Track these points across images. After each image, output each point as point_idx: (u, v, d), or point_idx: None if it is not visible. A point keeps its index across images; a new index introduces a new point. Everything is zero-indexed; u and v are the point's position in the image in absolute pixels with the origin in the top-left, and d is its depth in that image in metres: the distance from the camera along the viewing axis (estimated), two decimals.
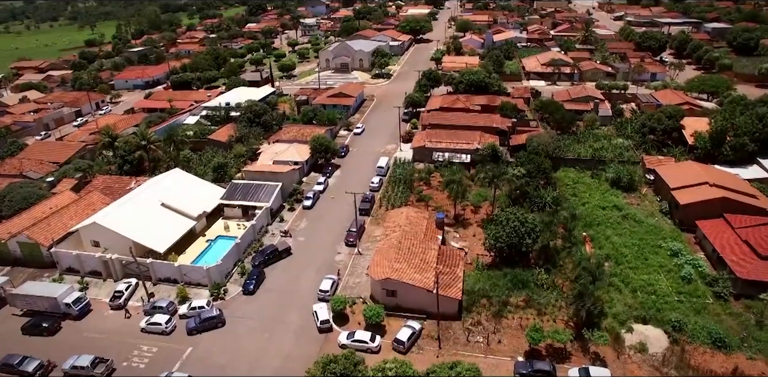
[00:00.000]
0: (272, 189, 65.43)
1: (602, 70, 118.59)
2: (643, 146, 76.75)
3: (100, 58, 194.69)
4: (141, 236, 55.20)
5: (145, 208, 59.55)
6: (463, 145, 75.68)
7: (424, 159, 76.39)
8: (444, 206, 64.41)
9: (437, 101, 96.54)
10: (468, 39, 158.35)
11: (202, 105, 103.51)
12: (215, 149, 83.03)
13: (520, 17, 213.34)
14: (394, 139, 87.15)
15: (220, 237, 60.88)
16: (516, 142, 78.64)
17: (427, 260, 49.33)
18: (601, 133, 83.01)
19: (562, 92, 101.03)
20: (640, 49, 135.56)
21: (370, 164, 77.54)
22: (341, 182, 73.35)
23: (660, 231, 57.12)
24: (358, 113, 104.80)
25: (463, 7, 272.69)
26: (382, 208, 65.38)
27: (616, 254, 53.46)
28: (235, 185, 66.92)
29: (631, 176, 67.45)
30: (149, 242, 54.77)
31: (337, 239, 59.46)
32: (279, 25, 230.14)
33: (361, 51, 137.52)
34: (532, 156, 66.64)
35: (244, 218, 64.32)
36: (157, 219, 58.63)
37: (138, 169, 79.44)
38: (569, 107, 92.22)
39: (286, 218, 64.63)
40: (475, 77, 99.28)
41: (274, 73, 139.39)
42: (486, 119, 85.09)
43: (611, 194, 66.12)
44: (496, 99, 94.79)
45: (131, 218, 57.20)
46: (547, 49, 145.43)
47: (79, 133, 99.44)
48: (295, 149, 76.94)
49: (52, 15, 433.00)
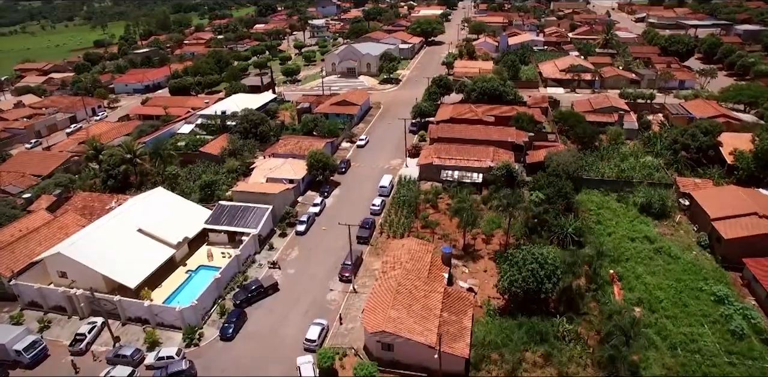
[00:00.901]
0: (262, 213, 59.22)
1: (625, 77, 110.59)
2: (675, 166, 69.13)
3: (105, 60, 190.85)
4: (111, 269, 49.30)
5: (119, 234, 53.65)
6: (474, 162, 68.74)
7: (432, 178, 69.62)
8: (452, 233, 57.67)
9: (447, 110, 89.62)
10: (482, 42, 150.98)
11: (197, 113, 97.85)
12: (207, 163, 77.20)
13: (536, 19, 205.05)
14: (400, 152, 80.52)
15: (202, 267, 54.77)
16: (533, 159, 71.48)
17: (430, 306, 42.67)
18: (627, 149, 75.42)
19: (583, 102, 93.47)
20: (665, 54, 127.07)
21: (373, 182, 70.98)
22: (340, 204, 66.89)
23: (700, 270, 49.72)
24: (363, 122, 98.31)
25: (477, 7, 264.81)
26: (383, 235, 58.77)
27: (649, 298, 46.29)
28: (221, 206, 60.83)
29: (663, 202, 60.01)
30: (119, 276, 48.84)
31: (330, 272, 53.01)
32: (287, 26, 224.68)
33: (369, 55, 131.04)
34: (552, 179, 59.54)
35: (231, 244, 58.21)
36: (132, 248, 52.69)
37: (124, 184, 73.94)
38: (591, 119, 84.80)
39: (277, 246, 58.34)
40: (488, 85, 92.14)
41: (278, 78, 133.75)
42: (500, 132, 78.00)
43: (641, 222, 58.77)
44: (512, 109, 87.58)
45: (102, 246, 51.31)
46: (566, 54, 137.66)
47: (69, 142, 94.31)
48: (290, 165, 70.67)
49: (68, 15, 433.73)
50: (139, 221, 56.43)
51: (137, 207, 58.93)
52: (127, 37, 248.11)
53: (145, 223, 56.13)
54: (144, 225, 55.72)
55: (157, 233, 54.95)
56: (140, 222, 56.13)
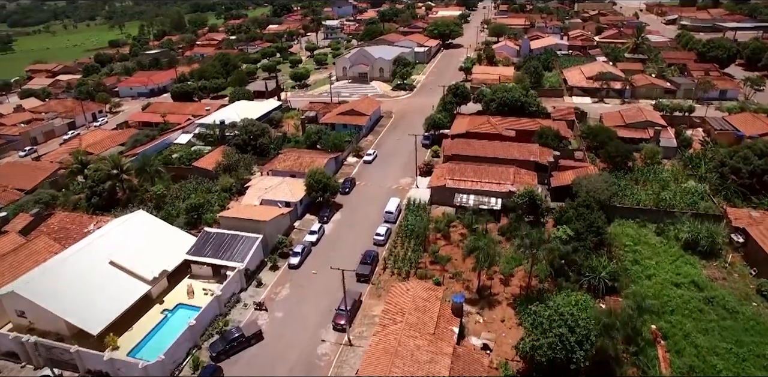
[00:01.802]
0: (250, 243, 52.61)
1: (659, 85, 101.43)
2: (724, 193, 60.60)
3: (115, 61, 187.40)
4: (72, 311, 43.19)
5: (87, 268, 47.52)
6: (493, 186, 61.18)
7: (444, 202, 62.28)
8: (465, 271, 50.33)
9: (463, 122, 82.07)
10: (502, 46, 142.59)
11: (196, 121, 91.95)
12: (199, 180, 71.06)
13: (559, 21, 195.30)
14: (410, 170, 73.18)
15: (181, 306, 48.42)
16: (559, 182, 63.59)
17: (435, 371, 35.49)
18: (665, 172, 66.96)
19: (614, 115, 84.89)
20: (702, 60, 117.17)
21: (378, 205, 63.88)
22: (340, 231, 59.92)
23: (766, 330, 41.55)
24: (373, 132, 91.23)
25: (497, 8, 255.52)
26: (386, 272, 51.64)
27: (703, 366, 38.39)
28: (207, 234, 54.41)
29: (713, 238, 51.73)
30: (81, 320, 42.68)
31: (324, 317, 46.14)
32: (301, 27, 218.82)
33: (382, 59, 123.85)
34: (581, 210, 51.71)
35: (216, 278, 51.78)
36: (100, 284, 46.49)
37: (110, 201, 68.19)
38: (623, 135, 76.45)
39: (266, 281, 51.65)
40: (509, 95, 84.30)
41: (286, 82, 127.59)
42: (522, 149, 70.24)
43: (686, 262, 50.61)
44: (534, 122, 79.68)
45: (65, 283, 45.26)
46: (592, 59, 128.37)
47: (60, 151, 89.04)
48: (288, 185, 64.04)
49: (90, 14, 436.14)
50: (114, 250, 50.30)
51: (113, 234, 52.83)
52: (139, 37, 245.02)
53: (119, 253, 49.95)
54: (117, 257, 49.54)
55: (131, 267, 48.72)
56: (114, 252, 49.99)
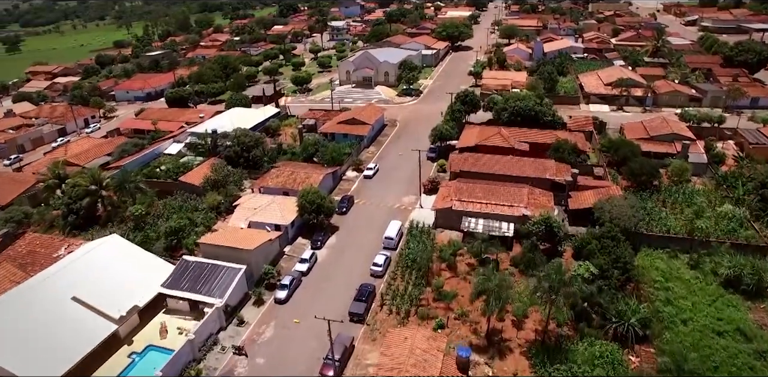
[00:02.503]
0: (232, 275, 46.97)
1: (685, 93, 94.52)
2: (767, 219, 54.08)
3: (116, 63, 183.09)
4: (22, 360, 37.70)
5: (45, 305, 42.20)
6: (505, 208, 55.05)
7: (451, 225, 56.30)
8: (472, 311, 44.35)
9: (472, 134, 75.91)
10: (514, 49, 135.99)
11: (187, 130, 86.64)
12: (186, 196, 65.69)
13: (573, 22, 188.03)
14: (414, 186, 67.00)
15: (151, 348, 42.89)
16: (578, 204, 57.31)
17: None
18: (697, 192, 60.38)
19: (636, 126, 78.21)
20: (730, 64, 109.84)
21: (378, 228, 57.96)
22: (334, 258, 54.05)
23: None
24: (375, 143, 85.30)
25: (508, 9, 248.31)
26: (384, 309, 45.71)
27: None
28: (185, 264, 48.82)
29: (759, 274, 45.29)
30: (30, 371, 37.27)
31: (311, 365, 40.27)
32: (306, 27, 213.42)
33: (387, 62, 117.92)
34: (606, 243, 45.48)
35: (193, 313, 46.25)
36: (60, 325, 41.09)
37: (89, 219, 63.09)
38: (646, 148, 70.14)
39: (249, 318, 45.96)
40: (522, 105, 78.01)
41: (287, 87, 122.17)
42: (537, 166, 64.03)
43: (727, 304, 44.22)
44: (550, 134, 73.46)
45: (17, 324, 39.98)
46: (609, 63, 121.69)
47: (44, 161, 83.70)
48: (279, 205, 58.37)
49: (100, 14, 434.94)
50: (80, 282, 45.00)
51: (80, 263, 47.49)
52: (143, 38, 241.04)
53: (85, 286, 44.62)
54: (83, 290, 44.16)
55: (97, 303, 43.29)
56: (80, 284, 44.67)
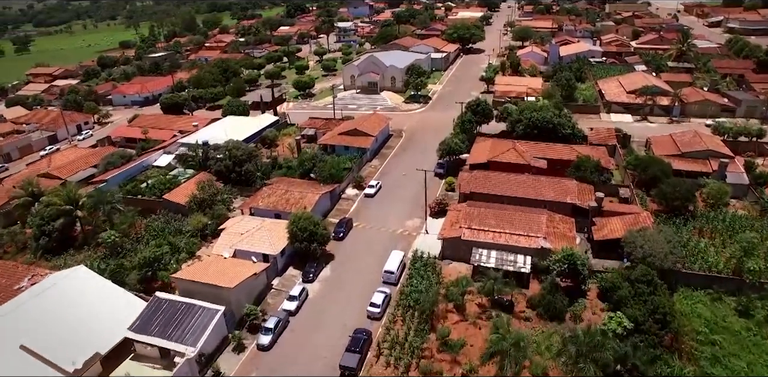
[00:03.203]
0: (209, 317, 41.09)
1: (716, 102, 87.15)
2: None
3: (119, 65, 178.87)
4: None
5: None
6: (521, 239, 48.59)
7: (460, 257, 50.03)
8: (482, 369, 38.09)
9: (484, 148, 69.56)
10: (528, 52, 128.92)
11: (178, 140, 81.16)
12: (170, 216, 60.15)
13: (590, 24, 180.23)
14: (420, 207, 60.61)
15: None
16: (604, 234, 50.67)
17: None
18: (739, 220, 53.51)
19: (664, 140, 71.14)
20: (764, 70, 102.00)
21: (378, 256, 51.83)
22: (327, 294, 47.89)
23: None
24: (379, 155, 79.14)
25: (521, 10, 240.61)
26: (380, 361, 39.58)
27: None
28: (158, 302, 43.04)
29: None
30: None
31: None
32: (313, 28, 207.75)
33: (394, 67, 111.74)
34: (641, 288, 38.95)
35: (164, 361, 40.53)
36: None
37: (63, 242, 57.90)
38: (677, 167, 63.22)
39: (226, 368, 40.02)
40: (539, 116, 71.45)
41: (289, 91, 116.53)
42: (556, 187, 57.48)
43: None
44: (570, 150, 66.84)
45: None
46: (630, 68, 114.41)
47: (26, 172, 78.67)
48: (268, 231, 52.42)
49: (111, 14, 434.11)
50: (33, 325, 39.55)
51: (39, 300, 42.00)
52: (148, 38, 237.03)
53: (39, 330, 39.15)
54: (36, 335, 38.62)
55: (50, 354, 37.65)
56: (33, 329, 39.18)
